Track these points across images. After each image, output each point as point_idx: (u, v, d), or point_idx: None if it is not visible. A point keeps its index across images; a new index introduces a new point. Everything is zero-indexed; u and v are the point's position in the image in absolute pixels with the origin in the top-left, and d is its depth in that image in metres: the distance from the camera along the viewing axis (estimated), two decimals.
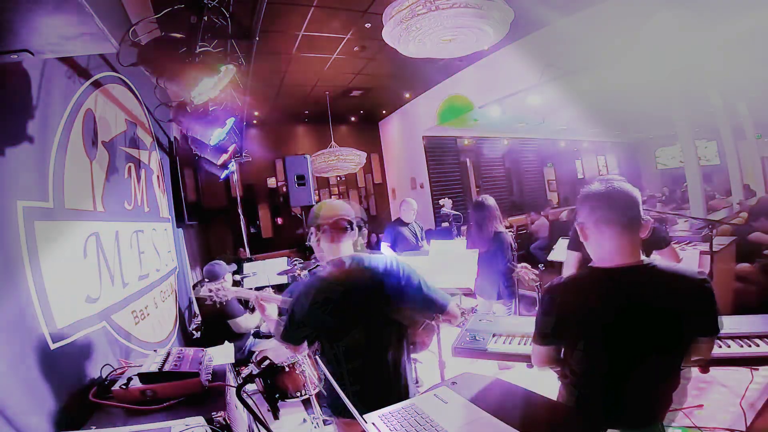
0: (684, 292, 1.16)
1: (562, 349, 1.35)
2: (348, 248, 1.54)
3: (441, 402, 1.21)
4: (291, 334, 1.51)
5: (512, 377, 1.56)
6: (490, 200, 3.38)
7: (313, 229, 1.56)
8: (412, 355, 1.73)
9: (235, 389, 1.25)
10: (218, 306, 3.21)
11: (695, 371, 2.51)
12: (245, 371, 2.91)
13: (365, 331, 1.46)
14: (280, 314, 1.63)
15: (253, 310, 3.52)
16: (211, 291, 2.26)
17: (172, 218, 3.76)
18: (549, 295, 1.30)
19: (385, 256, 1.54)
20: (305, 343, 1.56)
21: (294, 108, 7.43)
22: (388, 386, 1.48)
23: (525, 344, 1.97)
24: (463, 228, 5.87)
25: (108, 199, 2.18)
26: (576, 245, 2.66)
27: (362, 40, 4.80)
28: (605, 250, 1.24)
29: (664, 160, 13.22)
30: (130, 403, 1.43)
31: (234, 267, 3.71)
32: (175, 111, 2.60)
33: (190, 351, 1.72)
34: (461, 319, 1.64)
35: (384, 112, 8.77)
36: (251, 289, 2.34)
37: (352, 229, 1.54)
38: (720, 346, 1.70)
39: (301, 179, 5.51)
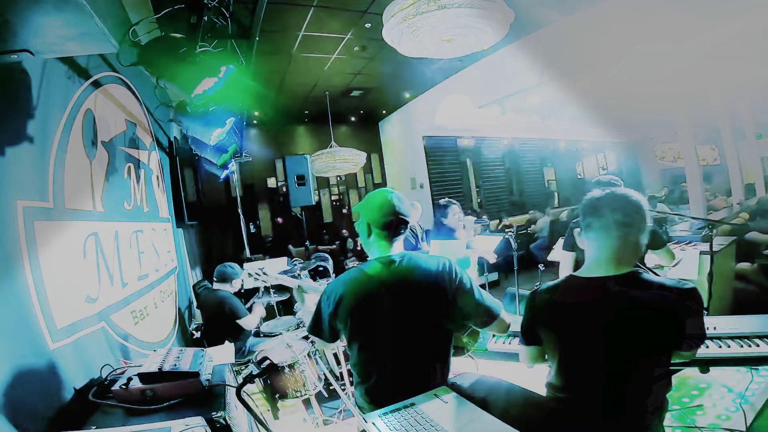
0: (668, 303, 1.15)
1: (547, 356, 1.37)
2: (399, 247, 1.48)
3: (441, 402, 1.21)
4: (325, 328, 1.44)
5: (512, 377, 1.55)
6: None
7: (365, 221, 1.47)
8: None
9: (235, 389, 1.25)
10: (224, 305, 3.21)
11: (695, 371, 2.51)
12: (245, 371, 2.92)
13: (409, 333, 1.36)
14: (317, 308, 1.51)
15: (250, 309, 3.51)
16: (251, 275, 2.24)
17: (172, 218, 3.76)
18: (530, 300, 1.36)
19: (438, 257, 1.46)
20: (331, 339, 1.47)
21: (294, 108, 7.43)
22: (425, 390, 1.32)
23: None
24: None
25: (107, 199, 2.18)
26: (570, 246, 2.68)
27: (362, 40, 4.80)
28: (603, 256, 1.24)
29: (665, 160, 13.22)
30: (130, 403, 1.43)
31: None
32: (175, 111, 2.60)
33: (190, 351, 1.72)
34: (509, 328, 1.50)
35: (384, 112, 8.77)
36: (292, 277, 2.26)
37: (406, 228, 1.47)
38: (720, 346, 1.70)
39: (301, 179, 5.51)
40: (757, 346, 1.66)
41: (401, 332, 1.36)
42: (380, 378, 1.38)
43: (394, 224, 1.43)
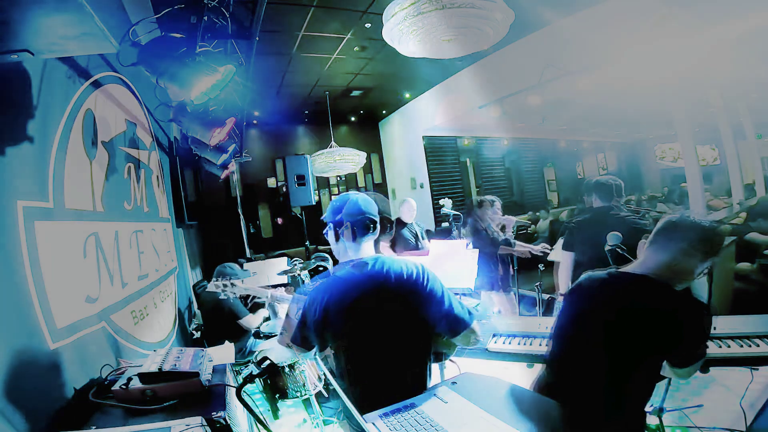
0: (682, 313, 1.22)
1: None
2: (369, 249, 1.45)
3: (441, 402, 1.21)
4: (312, 337, 1.37)
5: (512, 377, 1.55)
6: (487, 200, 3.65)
7: (332, 224, 1.45)
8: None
9: (235, 389, 1.25)
10: (224, 306, 3.20)
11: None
12: (245, 371, 2.91)
13: (383, 338, 1.34)
14: (287, 315, 1.46)
15: (253, 310, 3.51)
16: (218, 287, 2.22)
17: (172, 218, 3.76)
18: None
19: (412, 262, 1.42)
20: (315, 348, 1.41)
21: (294, 108, 7.43)
22: (408, 393, 1.31)
23: (525, 344, 1.97)
24: (464, 229, 5.92)
25: (107, 199, 2.18)
26: (570, 246, 2.68)
27: (362, 40, 4.80)
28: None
29: (665, 160, 13.22)
30: (130, 403, 1.43)
31: (248, 273, 3.65)
32: (175, 111, 2.60)
33: (190, 351, 1.72)
34: (481, 340, 1.46)
35: (384, 112, 8.76)
36: (263, 287, 2.24)
37: (375, 228, 1.44)
38: (720, 346, 1.70)
39: (301, 179, 5.51)
40: (757, 346, 1.66)
41: (378, 337, 1.34)
42: (362, 385, 1.34)
43: (361, 225, 1.40)
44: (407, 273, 1.37)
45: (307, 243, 6.07)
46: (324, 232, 1.50)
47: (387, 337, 1.35)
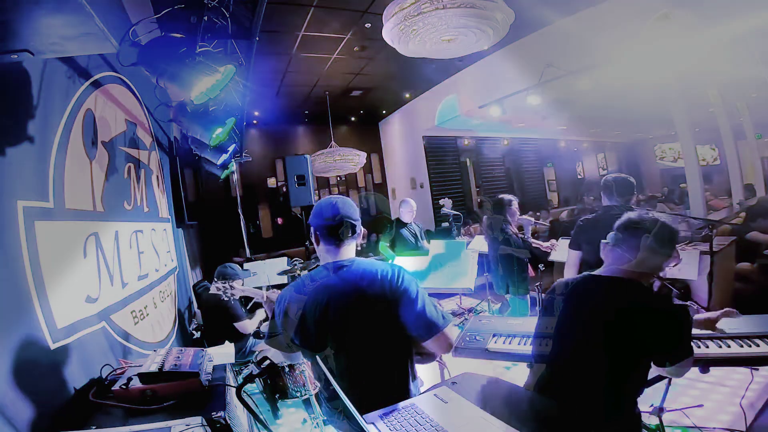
0: (665, 314, 1.26)
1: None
2: (350, 251, 1.46)
3: (441, 402, 1.21)
4: (313, 338, 1.38)
5: (512, 377, 1.56)
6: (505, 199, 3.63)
7: (313, 228, 1.48)
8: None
9: (235, 389, 1.25)
10: (223, 307, 3.20)
11: (695, 371, 2.51)
12: (245, 371, 2.91)
13: (360, 339, 1.34)
14: (271, 317, 1.47)
15: (253, 310, 3.51)
16: (219, 289, 2.25)
17: (172, 218, 3.76)
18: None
19: (388, 263, 1.43)
20: (298, 350, 1.43)
21: (294, 108, 7.43)
22: (387, 396, 1.30)
23: (525, 344, 1.97)
24: (464, 228, 5.93)
25: (107, 199, 2.18)
26: (577, 244, 2.67)
27: (362, 40, 4.81)
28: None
29: (665, 159, 13.22)
30: (130, 403, 1.43)
31: (248, 273, 3.65)
32: (175, 111, 2.59)
33: (190, 351, 1.72)
34: (452, 349, 1.44)
35: (384, 112, 8.77)
36: (258, 288, 2.32)
37: (355, 232, 1.45)
38: (720, 346, 1.70)
39: (301, 179, 5.50)
40: (757, 346, 1.66)
41: (354, 339, 1.34)
42: (348, 385, 1.31)
43: (339, 228, 1.41)
44: (381, 274, 1.37)
45: (307, 243, 6.07)
46: (311, 234, 1.51)
47: (363, 339, 1.34)
